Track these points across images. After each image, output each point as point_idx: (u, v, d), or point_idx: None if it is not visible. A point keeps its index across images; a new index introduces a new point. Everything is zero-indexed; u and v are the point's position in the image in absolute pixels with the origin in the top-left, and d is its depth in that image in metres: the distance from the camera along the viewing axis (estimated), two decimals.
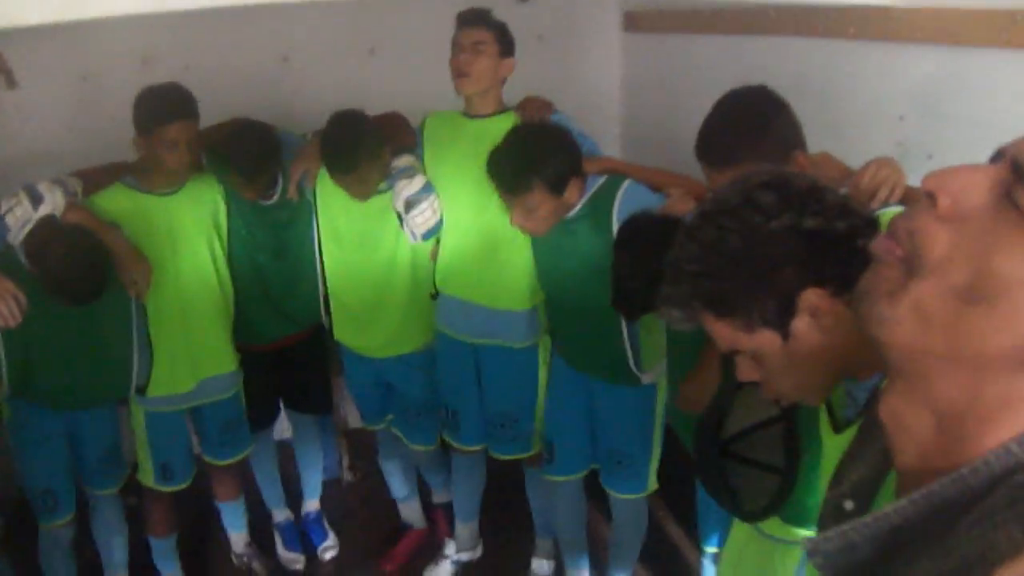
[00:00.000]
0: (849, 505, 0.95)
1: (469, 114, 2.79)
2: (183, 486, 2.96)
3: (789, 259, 1.19)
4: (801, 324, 1.20)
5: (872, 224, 1.22)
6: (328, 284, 2.96)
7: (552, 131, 2.52)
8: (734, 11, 3.21)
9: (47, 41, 3.10)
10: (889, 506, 0.76)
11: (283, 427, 3.44)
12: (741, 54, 3.27)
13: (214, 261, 2.81)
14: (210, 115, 2.72)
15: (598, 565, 3.17)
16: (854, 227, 1.19)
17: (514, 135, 2.48)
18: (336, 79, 3.50)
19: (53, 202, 2.37)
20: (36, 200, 2.36)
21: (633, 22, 3.91)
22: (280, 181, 2.84)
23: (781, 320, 1.21)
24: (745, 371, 1.32)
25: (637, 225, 2.25)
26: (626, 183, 2.49)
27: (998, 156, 0.72)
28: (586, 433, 2.87)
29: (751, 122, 1.86)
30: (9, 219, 2.34)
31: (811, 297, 1.18)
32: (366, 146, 2.64)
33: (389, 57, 3.64)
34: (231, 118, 2.77)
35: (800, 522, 1.95)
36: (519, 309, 2.82)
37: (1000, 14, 2.30)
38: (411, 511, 3.49)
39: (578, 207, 2.52)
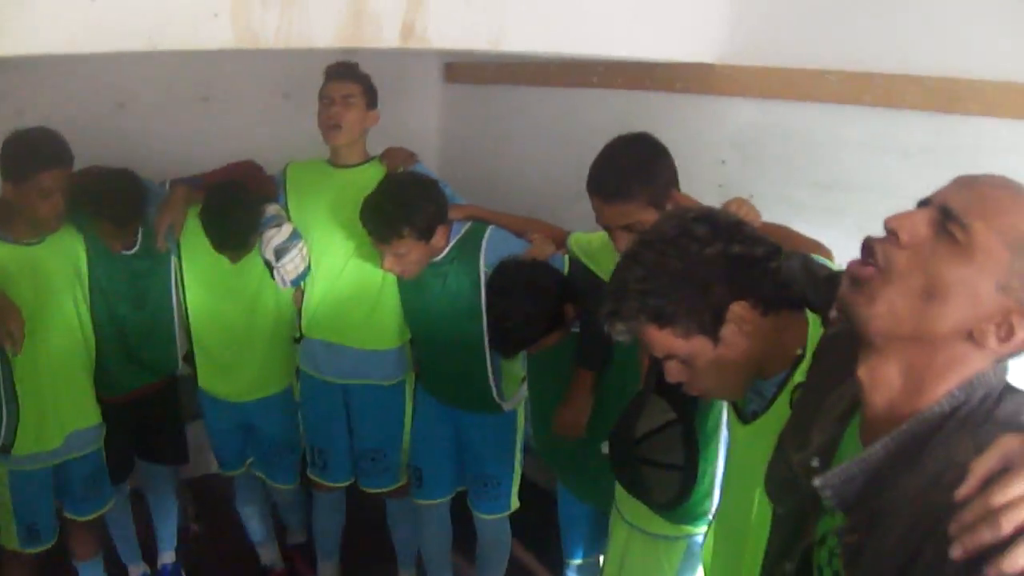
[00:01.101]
0: (816, 462, 1.23)
1: (335, 164, 2.90)
2: (48, 546, 2.81)
3: (720, 278, 1.46)
4: (729, 331, 1.47)
5: (778, 250, 1.52)
6: (193, 332, 2.95)
7: (421, 181, 2.69)
8: (560, 65, 3.48)
9: None
10: (876, 444, 1.08)
11: None
12: (566, 105, 3.54)
13: (78, 312, 2.73)
14: None
15: None
16: (767, 253, 1.50)
17: (385, 185, 2.64)
18: (171, 126, 3.49)
19: None
20: None
21: (453, 74, 4.13)
22: (140, 230, 2.81)
23: (713, 328, 1.47)
24: (675, 373, 1.57)
25: (509, 271, 2.49)
26: (490, 229, 2.71)
27: (926, 202, 1.08)
28: (452, 459, 3.04)
29: (642, 162, 2.10)
30: None
31: (737, 309, 1.46)
32: (251, 222, 2.72)
33: (222, 104, 3.66)
34: (89, 166, 2.72)
35: (686, 520, 2.21)
36: (388, 348, 2.95)
37: (811, 72, 2.70)
38: (270, 553, 3.49)
39: (445, 251, 2.70)
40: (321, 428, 3.09)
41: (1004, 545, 0.85)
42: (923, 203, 1.09)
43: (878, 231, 1.10)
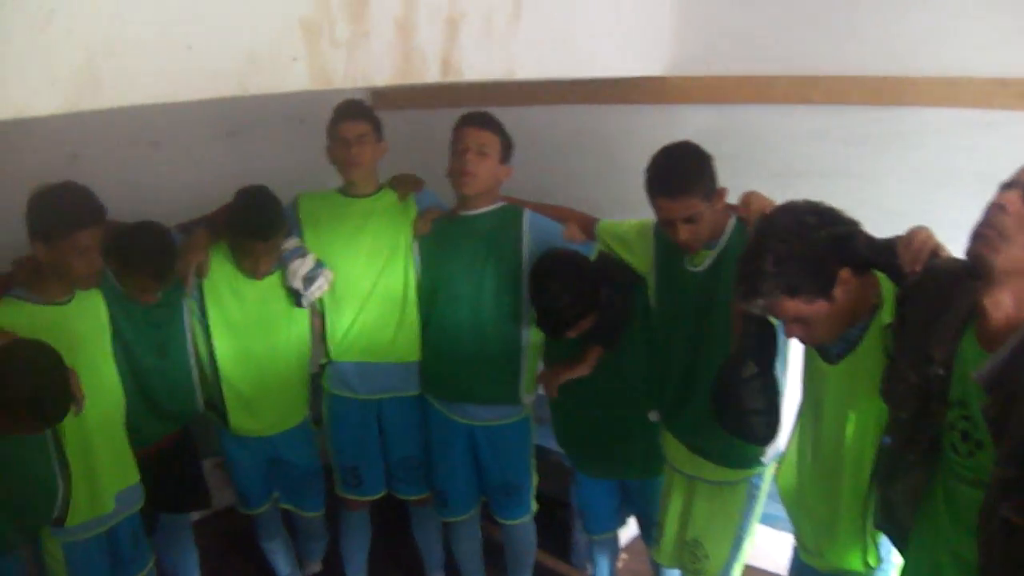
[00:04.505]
0: (941, 371, 1.72)
1: (350, 194, 3.04)
2: None
3: (831, 253, 1.91)
4: (839, 292, 1.92)
5: (857, 227, 1.97)
6: (222, 374, 2.97)
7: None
8: (507, 85, 3.68)
9: None
10: (1008, 343, 1.56)
11: None
12: (514, 122, 3.75)
13: (110, 369, 2.67)
14: None
15: None
16: (855, 229, 1.96)
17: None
18: (123, 173, 3.43)
19: None
20: None
21: (382, 99, 4.23)
22: None
23: (828, 292, 1.91)
24: (795, 331, 2.02)
25: (556, 256, 2.76)
26: (526, 209, 2.94)
27: (1010, 184, 1.57)
28: (472, 474, 3.19)
29: (695, 164, 2.42)
30: None
31: (844, 274, 1.91)
32: (280, 213, 2.84)
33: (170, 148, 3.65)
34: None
35: (745, 465, 2.59)
36: (414, 360, 3.10)
37: (760, 79, 3.10)
38: None
39: (485, 209, 2.94)
40: (353, 446, 3.19)
41: None
42: (1007, 185, 1.58)
43: None
